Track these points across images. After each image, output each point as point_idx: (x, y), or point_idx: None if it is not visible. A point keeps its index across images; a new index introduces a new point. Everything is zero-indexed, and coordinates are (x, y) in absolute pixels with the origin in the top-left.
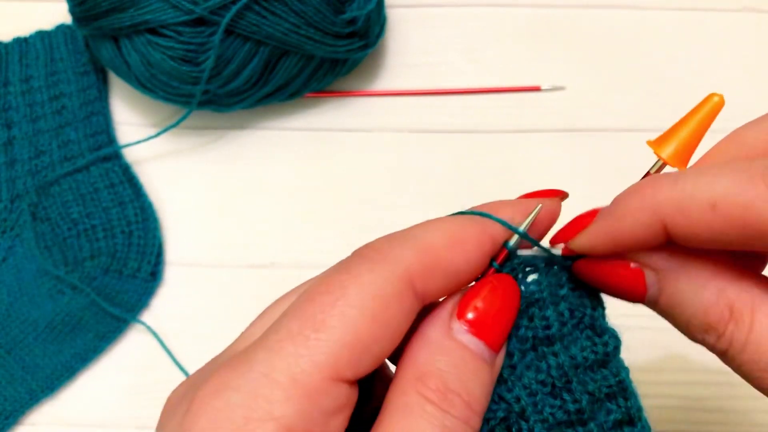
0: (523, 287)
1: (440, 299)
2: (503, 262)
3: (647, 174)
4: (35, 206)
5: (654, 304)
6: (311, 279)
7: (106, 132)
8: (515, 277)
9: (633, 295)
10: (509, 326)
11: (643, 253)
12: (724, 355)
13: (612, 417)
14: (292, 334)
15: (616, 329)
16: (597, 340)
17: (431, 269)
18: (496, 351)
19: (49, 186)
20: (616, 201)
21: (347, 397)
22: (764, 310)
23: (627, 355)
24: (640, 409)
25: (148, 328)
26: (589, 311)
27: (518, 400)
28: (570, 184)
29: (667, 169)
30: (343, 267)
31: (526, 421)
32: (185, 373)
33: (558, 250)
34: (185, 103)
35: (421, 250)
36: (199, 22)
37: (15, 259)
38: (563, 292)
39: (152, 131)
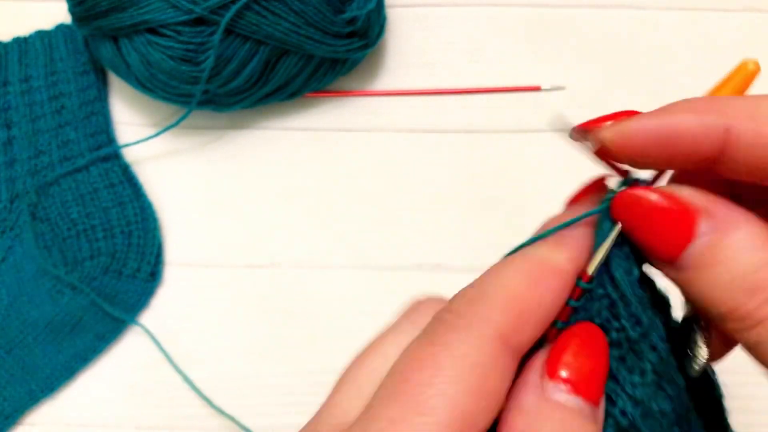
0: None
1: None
2: (579, 297)
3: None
4: (35, 206)
5: (686, 266)
6: (388, 333)
7: (106, 132)
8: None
9: (673, 242)
10: (605, 376)
11: (700, 193)
12: (751, 346)
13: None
14: (394, 422)
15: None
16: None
17: (521, 321)
18: (597, 404)
19: (48, 186)
20: (676, 102)
21: None
22: None
23: None
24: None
25: (146, 330)
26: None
27: (624, 413)
28: (570, 184)
29: None
30: (428, 338)
31: (639, 430)
32: (182, 375)
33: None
34: (185, 102)
35: (504, 302)
36: (199, 21)
37: (14, 259)
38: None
39: (152, 131)
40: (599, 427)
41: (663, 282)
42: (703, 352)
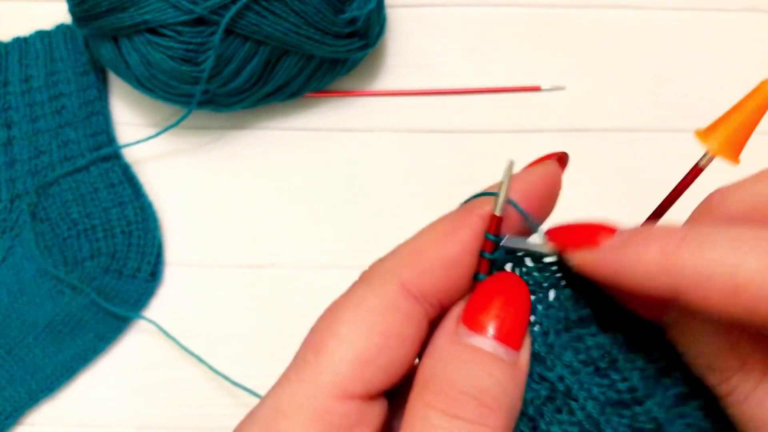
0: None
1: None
2: (494, 249)
3: (695, 166)
4: (35, 206)
5: (668, 327)
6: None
7: (106, 132)
8: (523, 261)
9: (654, 309)
10: (524, 321)
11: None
12: (721, 398)
13: (671, 392)
14: (296, 363)
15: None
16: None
17: (423, 270)
18: (517, 348)
19: (48, 186)
20: (638, 242)
21: (362, 413)
22: None
23: None
24: (699, 379)
25: (152, 322)
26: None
27: (561, 378)
28: (570, 184)
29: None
30: (344, 292)
31: (575, 399)
32: (197, 357)
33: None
34: (185, 102)
35: (409, 254)
36: (199, 21)
37: (15, 259)
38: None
39: (152, 131)
40: (521, 370)
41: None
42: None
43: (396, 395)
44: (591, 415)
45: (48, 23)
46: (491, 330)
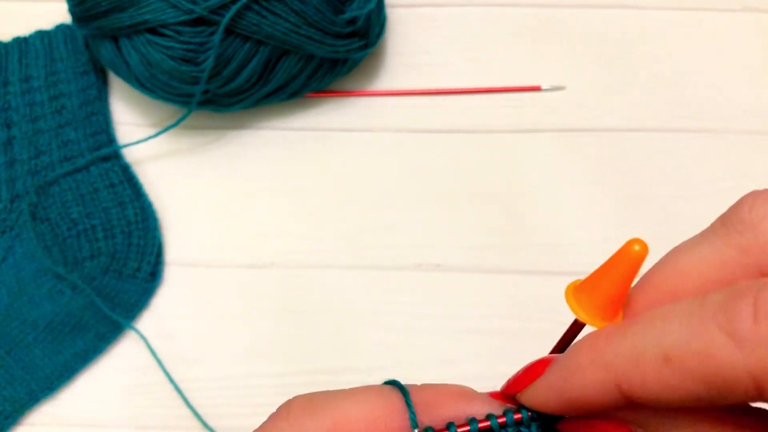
0: None
1: None
2: None
3: (574, 322)
4: (35, 206)
5: None
6: None
7: (106, 132)
8: None
9: None
10: None
11: (627, 410)
12: None
13: None
14: None
15: None
16: None
17: None
18: None
19: (48, 186)
20: (569, 353)
21: None
22: None
23: None
24: None
25: (140, 334)
26: None
27: None
28: (570, 184)
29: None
30: None
31: None
32: (172, 382)
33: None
34: (185, 103)
35: (331, 423)
36: (199, 21)
37: (15, 259)
38: None
39: (152, 131)
40: None
41: None
42: None
43: None
44: None
45: (48, 23)
46: None
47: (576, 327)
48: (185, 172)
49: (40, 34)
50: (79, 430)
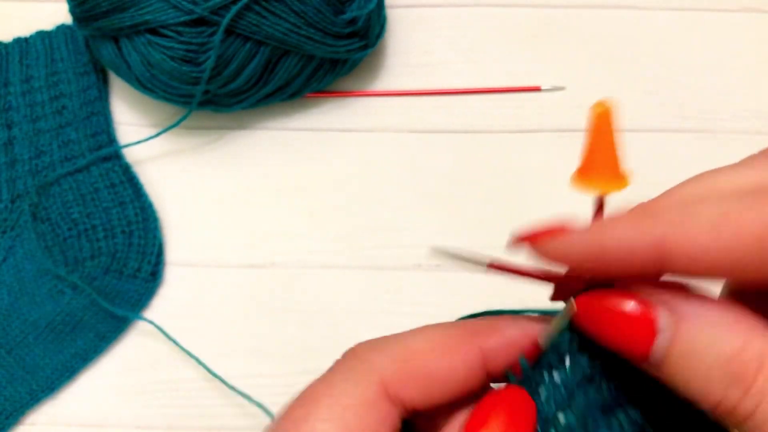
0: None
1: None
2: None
3: (596, 209)
4: (35, 206)
5: (659, 362)
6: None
7: (107, 132)
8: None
9: (639, 342)
10: None
11: (655, 289)
12: (750, 417)
13: None
14: None
15: None
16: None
17: (409, 376)
18: None
19: (49, 186)
20: (604, 221)
21: None
22: None
23: None
24: None
25: (153, 324)
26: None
27: None
28: (570, 184)
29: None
30: (322, 376)
31: None
32: (197, 360)
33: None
34: (185, 103)
35: (399, 354)
36: (200, 22)
37: (15, 259)
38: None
39: (152, 131)
40: None
41: None
42: None
43: None
44: None
45: (48, 23)
46: None
47: (599, 212)
48: (185, 172)
49: (41, 35)
50: (79, 430)
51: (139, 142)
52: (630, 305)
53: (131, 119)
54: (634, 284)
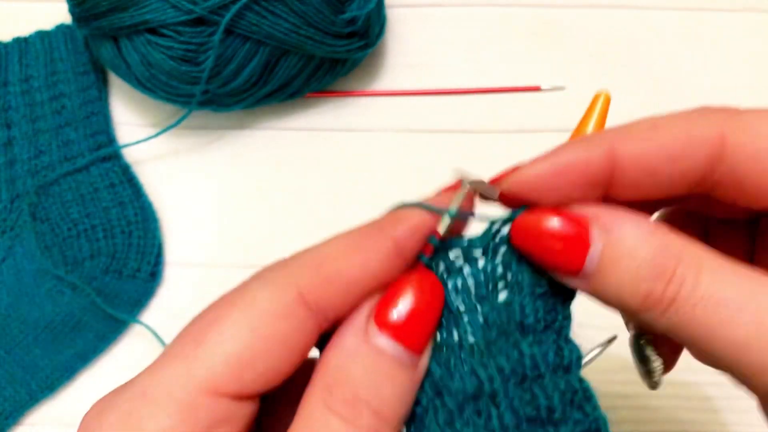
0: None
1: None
2: (431, 256)
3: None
4: (35, 206)
5: (591, 272)
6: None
7: (106, 132)
8: (449, 269)
9: (573, 255)
10: (431, 326)
11: (585, 205)
12: (673, 302)
13: (579, 428)
14: (173, 353)
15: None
16: (564, 345)
17: (324, 281)
18: (419, 354)
19: (48, 186)
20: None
21: (230, 411)
22: (710, 264)
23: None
24: (605, 422)
25: (147, 327)
26: (560, 317)
27: (491, 380)
28: None
29: None
30: (237, 287)
31: (497, 407)
32: None
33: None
34: (185, 103)
35: (312, 262)
36: (199, 21)
37: (15, 260)
38: (527, 281)
39: (152, 131)
40: (418, 376)
41: None
42: (658, 364)
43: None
44: (506, 427)
45: (48, 23)
46: (401, 333)
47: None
48: (185, 172)
49: (41, 35)
50: None
51: (138, 142)
52: (563, 223)
53: (131, 119)
54: (568, 206)
